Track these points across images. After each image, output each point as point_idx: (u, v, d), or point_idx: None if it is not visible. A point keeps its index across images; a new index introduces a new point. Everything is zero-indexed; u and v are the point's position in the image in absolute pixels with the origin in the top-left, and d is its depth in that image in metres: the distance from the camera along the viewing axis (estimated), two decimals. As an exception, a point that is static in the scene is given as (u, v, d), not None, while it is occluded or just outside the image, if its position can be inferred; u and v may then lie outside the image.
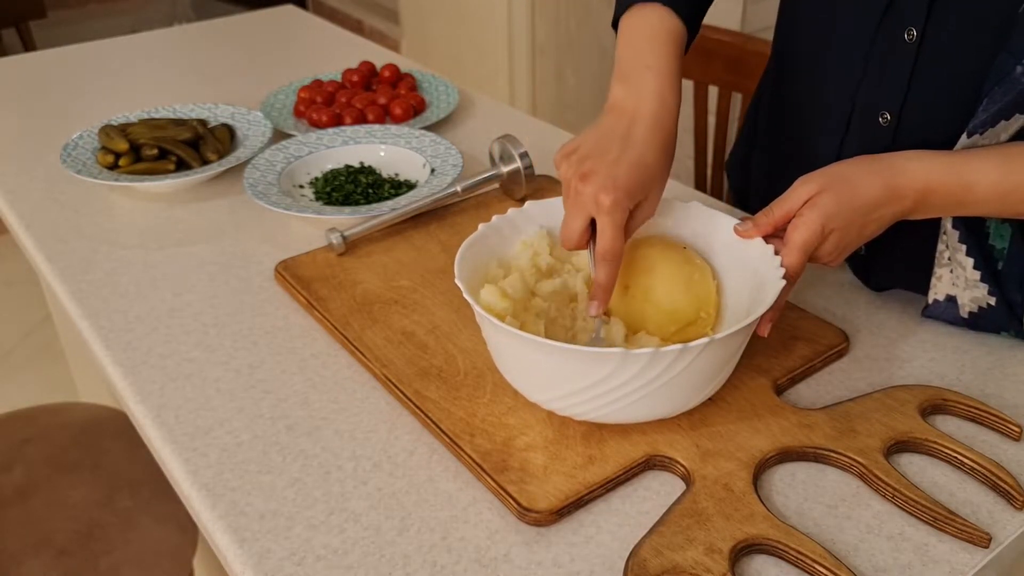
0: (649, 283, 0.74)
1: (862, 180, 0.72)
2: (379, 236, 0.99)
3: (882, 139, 0.82)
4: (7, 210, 1.11)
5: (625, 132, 0.75)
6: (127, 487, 1.11)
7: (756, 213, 0.75)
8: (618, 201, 0.71)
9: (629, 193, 0.72)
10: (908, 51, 0.78)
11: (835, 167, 0.73)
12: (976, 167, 0.71)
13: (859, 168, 0.73)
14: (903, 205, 0.72)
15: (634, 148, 0.74)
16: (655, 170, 0.75)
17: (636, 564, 0.60)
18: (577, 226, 0.73)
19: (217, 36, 1.72)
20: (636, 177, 0.73)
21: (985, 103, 0.71)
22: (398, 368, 0.78)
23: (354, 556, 0.63)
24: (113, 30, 2.14)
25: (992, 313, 0.80)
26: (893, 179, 0.72)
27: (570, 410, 0.69)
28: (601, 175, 0.72)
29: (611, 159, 0.73)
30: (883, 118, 0.82)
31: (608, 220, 0.71)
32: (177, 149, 1.13)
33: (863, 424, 0.71)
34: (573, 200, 0.73)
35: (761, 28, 2.32)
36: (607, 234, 0.71)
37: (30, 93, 1.45)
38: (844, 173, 0.72)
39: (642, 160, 0.74)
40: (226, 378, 0.80)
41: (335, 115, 1.26)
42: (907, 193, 0.72)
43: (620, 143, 0.74)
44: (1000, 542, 0.63)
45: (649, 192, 0.75)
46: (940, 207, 0.73)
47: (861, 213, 0.72)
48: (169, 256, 0.99)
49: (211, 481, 0.69)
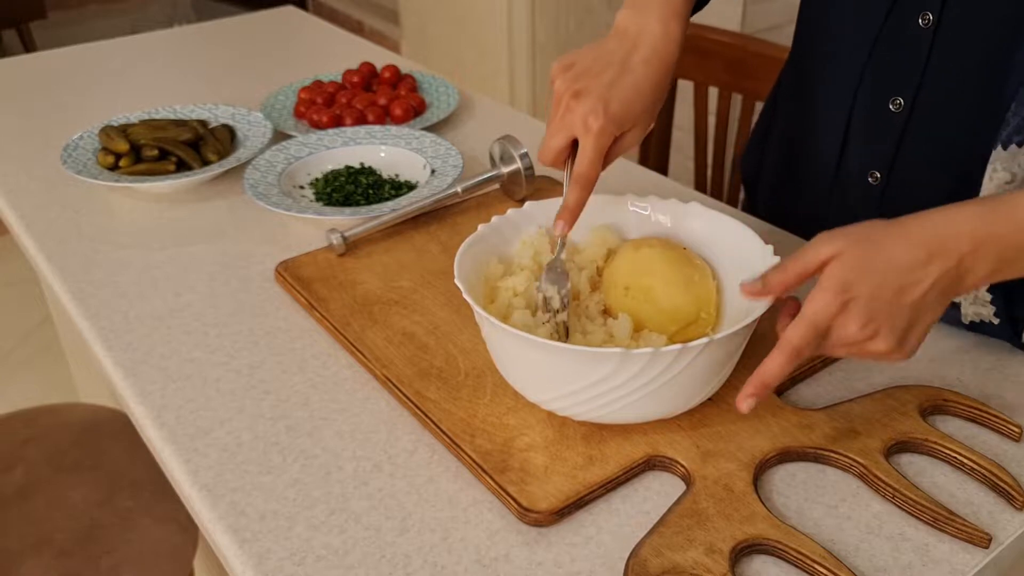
0: (649, 284, 0.74)
1: (887, 239, 0.61)
2: (379, 237, 0.99)
3: (895, 126, 0.81)
4: (7, 210, 1.11)
5: (624, 57, 0.75)
6: (127, 487, 1.11)
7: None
8: (604, 127, 0.71)
9: (617, 120, 0.72)
10: (924, 37, 0.77)
11: (857, 227, 0.63)
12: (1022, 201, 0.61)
13: (883, 229, 0.62)
14: (948, 263, 0.60)
15: (630, 74, 0.74)
16: (648, 100, 0.74)
17: (636, 564, 0.60)
18: (559, 143, 0.73)
19: (217, 37, 1.72)
20: (627, 104, 0.73)
21: (1014, 107, 0.69)
22: (398, 368, 0.78)
23: (354, 556, 0.63)
24: (113, 31, 2.15)
25: (993, 328, 0.80)
26: (926, 233, 0.61)
27: (570, 410, 0.69)
28: (593, 96, 0.72)
29: (606, 81, 0.73)
30: (895, 104, 0.81)
31: (592, 143, 0.71)
32: (177, 150, 1.13)
33: (863, 424, 0.71)
34: (561, 116, 0.73)
35: (761, 29, 2.32)
36: (587, 157, 0.71)
37: (30, 94, 1.45)
38: (868, 234, 0.62)
39: (636, 87, 0.73)
40: (226, 378, 0.80)
41: (335, 116, 1.26)
42: (947, 247, 0.60)
43: (618, 67, 0.74)
44: (1000, 542, 0.63)
45: (637, 122, 0.74)
46: (998, 259, 0.61)
47: (894, 275, 0.60)
48: (169, 256, 0.99)
49: (211, 481, 0.69)
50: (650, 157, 1.60)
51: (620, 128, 0.73)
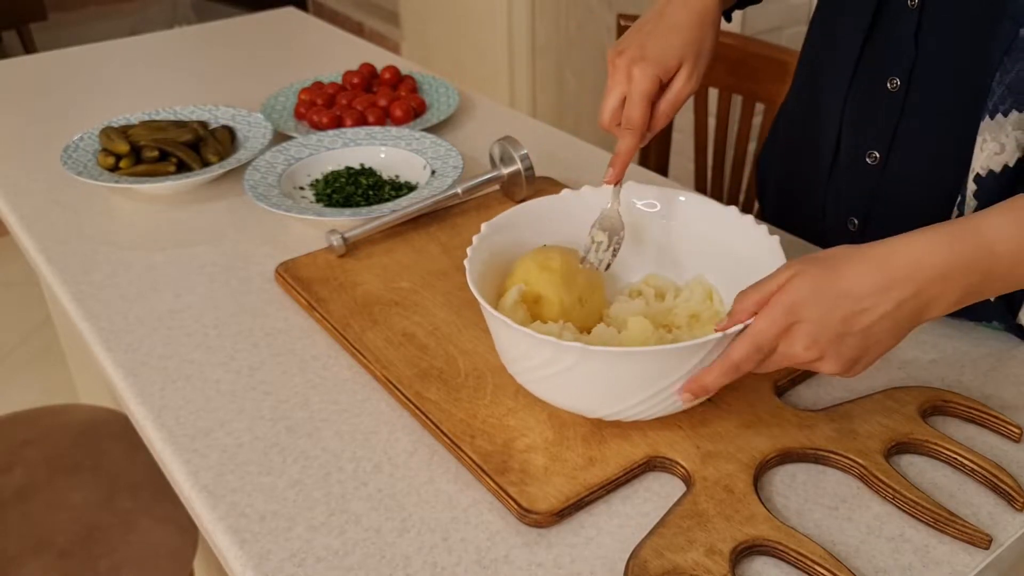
0: (591, 295, 0.77)
1: (848, 264, 0.60)
2: (379, 238, 0.99)
3: (893, 103, 0.83)
4: (8, 212, 1.11)
5: (661, 9, 0.79)
6: (127, 489, 1.11)
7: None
8: (645, 70, 0.74)
9: (655, 59, 0.75)
10: (911, 15, 0.78)
11: (825, 252, 0.63)
12: (989, 224, 0.61)
13: (850, 252, 0.62)
14: (905, 292, 0.60)
15: (668, 18, 0.77)
16: (688, 36, 0.77)
17: (637, 565, 0.60)
18: (611, 103, 0.77)
19: (218, 38, 1.72)
20: (667, 45, 0.75)
21: (998, 76, 0.70)
22: (398, 369, 0.78)
23: (355, 557, 0.63)
24: (114, 32, 2.15)
25: (988, 305, 0.79)
26: (887, 260, 0.60)
27: (643, 414, 0.68)
28: (632, 47, 0.75)
29: (645, 32, 0.77)
30: (892, 83, 0.82)
31: (635, 89, 0.74)
32: (178, 151, 1.13)
33: (863, 425, 0.71)
34: (611, 77, 0.77)
35: (761, 31, 2.32)
36: (633, 102, 0.75)
37: (31, 95, 1.45)
38: (831, 258, 0.62)
39: (672, 26, 0.77)
40: (226, 379, 0.80)
41: (336, 117, 1.26)
42: (907, 275, 0.60)
43: (655, 18, 0.78)
44: (1000, 543, 0.63)
45: (683, 60, 0.76)
46: (964, 287, 0.61)
47: (843, 301, 0.59)
48: (170, 257, 0.99)
49: (211, 482, 0.69)
50: (650, 159, 1.60)
51: (661, 66, 0.75)
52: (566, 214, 0.82)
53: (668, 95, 0.77)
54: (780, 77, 1.36)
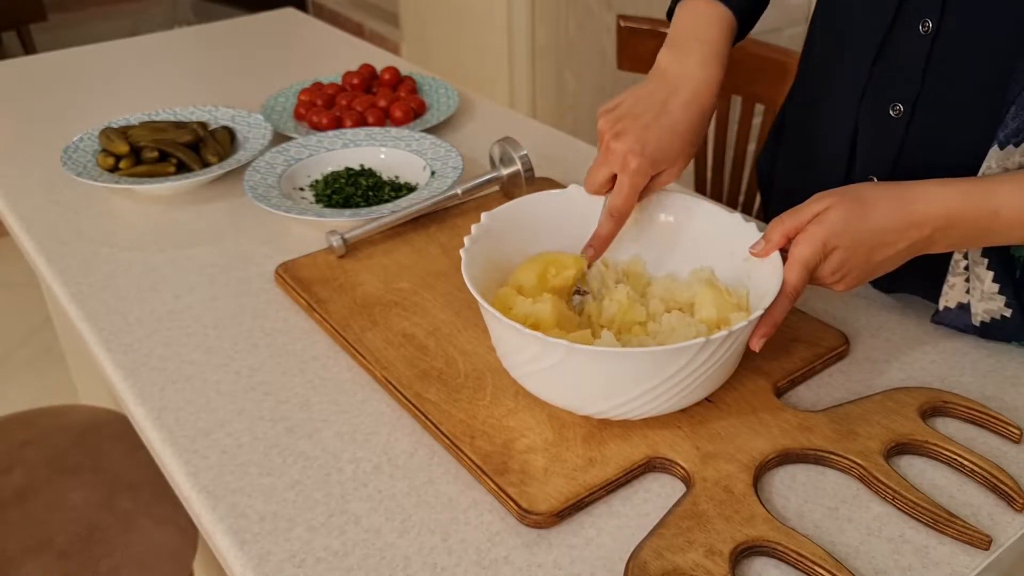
0: None
1: (877, 202, 0.69)
2: (379, 239, 0.99)
3: (895, 131, 0.82)
4: (7, 212, 1.11)
5: (664, 100, 0.81)
6: (127, 489, 1.11)
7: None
8: (641, 166, 0.77)
9: (654, 160, 0.78)
10: (923, 43, 0.78)
11: (854, 187, 0.71)
12: (1001, 191, 0.68)
13: (877, 191, 0.70)
14: (921, 233, 0.69)
15: (668, 117, 0.79)
16: (684, 142, 0.80)
17: (636, 566, 0.60)
18: (602, 176, 0.80)
19: (217, 39, 1.72)
20: (664, 146, 0.78)
21: (1014, 110, 0.70)
22: (398, 370, 0.78)
23: (354, 558, 0.63)
24: (113, 33, 2.15)
25: (1006, 324, 0.79)
26: (911, 204, 0.69)
27: (637, 411, 0.69)
28: (632, 137, 0.77)
29: (644, 123, 0.78)
30: (895, 110, 0.82)
31: (628, 180, 0.78)
32: (178, 151, 1.13)
33: (863, 426, 0.71)
34: (603, 153, 0.79)
35: (761, 32, 2.32)
36: (623, 192, 0.78)
37: (31, 96, 1.45)
38: (860, 193, 0.70)
39: (673, 130, 0.79)
40: (226, 380, 0.80)
41: (335, 118, 1.26)
42: (926, 220, 0.69)
43: (656, 109, 0.80)
44: (1000, 544, 0.63)
45: (675, 162, 0.80)
46: (963, 237, 0.70)
47: (871, 235, 0.69)
48: (169, 258, 0.99)
49: (211, 483, 0.69)
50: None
51: (656, 168, 0.79)
52: (566, 212, 0.82)
53: (652, 184, 0.81)
54: (780, 78, 1.36)
